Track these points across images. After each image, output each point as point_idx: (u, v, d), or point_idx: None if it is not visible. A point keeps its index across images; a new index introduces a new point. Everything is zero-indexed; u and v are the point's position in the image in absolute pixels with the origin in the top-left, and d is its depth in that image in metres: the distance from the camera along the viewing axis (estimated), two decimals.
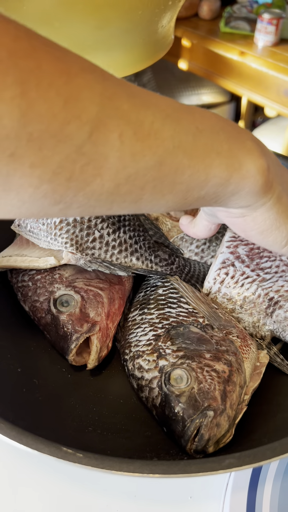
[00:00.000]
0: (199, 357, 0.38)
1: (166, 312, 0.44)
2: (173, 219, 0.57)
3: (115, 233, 0.48)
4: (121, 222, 0.49)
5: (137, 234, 0.49)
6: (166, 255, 0.49)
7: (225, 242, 0.49)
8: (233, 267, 0.47)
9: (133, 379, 0.40)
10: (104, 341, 0.42)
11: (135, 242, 0.48)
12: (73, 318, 0.42)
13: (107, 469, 0.28)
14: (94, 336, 0.41)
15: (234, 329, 0.42)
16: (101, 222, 0.48)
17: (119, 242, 0.47)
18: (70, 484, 0.38)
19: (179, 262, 0.49)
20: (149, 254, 0.48)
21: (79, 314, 0.42)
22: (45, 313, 0.43)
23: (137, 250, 0.48)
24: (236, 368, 0.38)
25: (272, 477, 0.38)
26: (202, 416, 0.34)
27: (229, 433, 0.35)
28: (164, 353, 0.39)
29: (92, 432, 0.38)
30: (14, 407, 0.37)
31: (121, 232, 0.48)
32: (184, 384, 0.36)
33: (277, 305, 0.45)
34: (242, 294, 0.46)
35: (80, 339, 0.40)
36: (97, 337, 0.41)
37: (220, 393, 0.35)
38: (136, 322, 0.44)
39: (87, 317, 0.42)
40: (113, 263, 0.47)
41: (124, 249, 0.47)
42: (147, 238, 0.49)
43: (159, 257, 0.48)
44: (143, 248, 0.48)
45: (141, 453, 0.35)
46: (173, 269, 0.48)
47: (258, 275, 0.46)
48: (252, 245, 0.48)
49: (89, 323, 0.42)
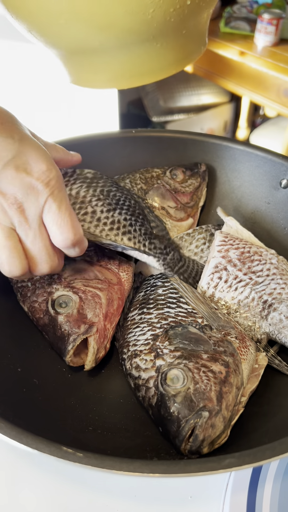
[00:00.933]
0: (196, 357, 0.38)
1: (165, 312, 0.44)
2: (173, 219, 0.57)
3: (109, 212, 0.47)
4: (119, 205, 0.49)
5: (135, 219, 0.48)
6: (162, 245, 0.49)
7: (216, 246, 0.49)
8: (226, 271, 0.47)
9: (130, 378, 0.40)
10: (101, 343, 0.42)
11: (130, 225, 0.48)
12: (71, 319, 0.42)
13: (107, 469, 0.28)
14: (91, 337, 0.41)
15: (233, 330, 0.42)
16: (96, 200, 0.48)
17: (112, 221, 0.47)
18: (70, 484, 0.38)
19: (174, 255, 0.49)
20: (143, 239, 0.48)
21: (76, 315, 0.42)
22: (43, 314, 0.43)
23: (131, 232, 0.47)
24: (234, 369, 0.38)
25: (272, 477, 0.38)
26: (197, 416, 0.34)
27: (224, 434, 0.35)
28: (162, 353, 0.39)
29: (92, 432, 0.38)
30: (14, 407, 0.37)
31: (115, 213, 0.48)
32: (180, 384, 0.36)
33: (272, 307, 0.45)
34: (236, 298, 0.46)
35: (77, 340, 0.40)
36: (94, 339, 0.41)
37: (216, 394, 0.35)
38: (135, 321, 0.44)
39: (85, 318, 0.42)
40: (100, 238, 0.46)
41: (116, 228, 0.47)
42: (145, 226, 0.49)
43: (154, 244, 0.48)
44: (137, 232, 0.48)
45: (141, 453, 0.35)
46: (166, 259, 0.48)
47: (251, 278, 0.46)
48: (243, 248, 0.49)
49: (86, 324, 0.41)
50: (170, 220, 0.57)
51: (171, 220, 0.57)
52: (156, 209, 0.57)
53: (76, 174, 0.50)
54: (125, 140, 0.60)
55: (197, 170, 0.59)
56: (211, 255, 0.49)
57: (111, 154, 0.60)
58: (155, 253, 0.47)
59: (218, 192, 0.61)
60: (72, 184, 0.49)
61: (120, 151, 0.60)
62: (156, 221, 0.51)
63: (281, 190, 0.55)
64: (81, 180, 0.49)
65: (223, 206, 0.58)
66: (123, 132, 0.61)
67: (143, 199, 0.54)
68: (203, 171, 0.59)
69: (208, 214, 0.61)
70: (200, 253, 0.53)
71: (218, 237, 0.50)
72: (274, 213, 0.56)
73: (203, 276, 0.48)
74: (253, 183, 0.58)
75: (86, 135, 0.59)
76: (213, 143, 0.59)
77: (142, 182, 0.58)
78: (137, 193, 0.57)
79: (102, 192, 0.49)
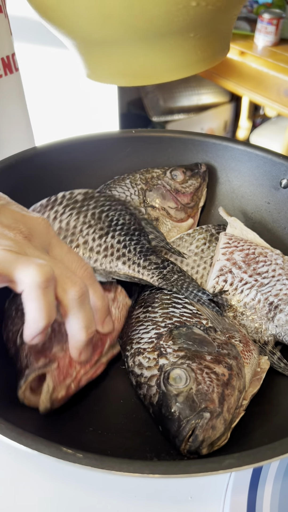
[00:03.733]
0: (200, 358, 0.38)
1: (170, 312, 0.44)
2: (173, 219, 0.57)
3: (101, 238, 0.47)
4: (111, 226, 0.48)
5: (129, 239, 0.48)
6: (159, 260, 0.47)
7: (220, 248, 0.49)
8: (231, 274, 0.47)
9: (132, 376, 0.40)
10: (61, 381, 0.37)
11: (124, 247, 0.47)
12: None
13: (107, 469, 0.28)
14: (48, 373, 0.37)
15: (237, 334, 0.42)
16: (87, 228, 0.47)
17: (105, 247, 0.46)
18: (70, 484, 0.38)
19: (172, 268, 0.47)
20: (138, 258, 0.46)
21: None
22: (12, 344, 0.41)
23: (125, 254, 0.47)
24: (236, 372, 0.38)
25: (272, 478, 0.38)
26: (198, 417, 0.34)
27: (224, 436, 0.35)
28: (165, 352, 0.39)
29: (92, 432, 0.38)
30: (14, 407, 0.37)
31: (108, 237, 0.47)
32: (182, 384, 0.36)
33: (278, 309, 0.44)
34: (242, 301, 0.46)
35: (30, 375, 0.36)
36: (51, 375, 0.37)
37: (218, 395, 0.35)
38: (140, 319, 0.44)
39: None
40: (96, 268, 0.46)
41: (109, 254, 0.46)
42: (141, 243, 0.48)
43: (150, 261, 0.47)
44: (132, 252, 0.47)
45: (141, 453, 0.35)
46: (163, 272, 0.46)
47: (256, 280, 0.46)
48: (248, 250, 0.48)
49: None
50: (170, 221, 0.57)
51: (171, 221, 0.57)
52: (156, 210, 0.57)
53: (65, 200, 0.49)
54: (125, 140, 0.60)
55: (198, 170, 0.59)
56: (215, 258, 0.49)
57: (111, 154, 0.60)
58: (150, 269, 0.46)
59: (218, 192, 0.61)
60: (62, 215, 0.48)
61: (120, 151, 0.60)
62: (155, 232, 0.51)
63: (281, 190, 0.55)
64: (70, 207, 0.49)
65: (223, 206, 0.58)
66: (123, 132, 0.61)
67: (140, 210, 0.53)
68: (204, 171, 0.59)
69: (208, 214, 0.61)
70: (200, 253, 0.52)
71: (222, 239, 0.50)
72: (275, 213, 0.56)
73: (208, 279, 0.48)
74: (253, 183, 0.58)
75: (86, 135, 0.59)
76: (213, 143, 0.59)
77: (142, 182, 0.58)
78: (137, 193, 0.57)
79: (94, 216, 0.48)
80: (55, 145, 0.57)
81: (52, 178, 0.57)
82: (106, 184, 0.59)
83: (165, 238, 0.51)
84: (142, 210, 0.55)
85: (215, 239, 0.53)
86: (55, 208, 0.48)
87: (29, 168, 0.55)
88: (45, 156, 0.56)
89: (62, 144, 0.57)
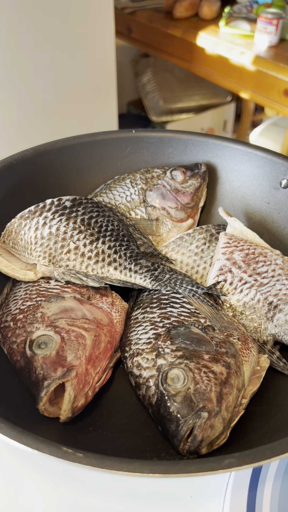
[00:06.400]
0: (198, 357, 0.38)
1: (168, 312, 0.44)
2: (173, 219, 0.57)
3: (92, 244, 0.47)
4: (101, 232, 0.48)
5: (119, 244, 0.48)
6: (149, 263, 0.47)
7: (220, 248, 0.49)
8: (231, 273, 0.47)
9: (131, 377, 0.40)
10: (80, 389, 0.37)
11: (115, 252, 0.47)
12: (47, 361, 0.37)
13: (107, 469, 0.28)
14: (68, 382, 0.36)
15: (235, 331, 0.42)
16: (77, 234, 0.47)
17: (96, 253, 0.47)
18: (70, 484, 0.38)
19: (163, 268, 0.47)
20: (128, 263, 0.47)
21: (55, 357, 0.37)
22: (20, 356, 0.39)
23: (116, 260, 0.47)
24: (235, 370, 0.38)
25: (272, 477, 0.38)
26: (196, 416, 0.34)
27: (223, 435, 0.35)
28: (163, 352, 0.39)
29: (92, 432, 0.38)
30: (14, 407, 0.37)
31: (99, 243, 0.47)
32: (180, 384, 0.36)
33: (277, 308, 0.45)
34: (241, 300, 0.46)
35: (51, 386, 0.36)
36: (71, 384, 0.36)
37: (216, 394, 0.35)
38: (138, 320, 0.44)
39: (64, 361, 0.37)
40: (87, 274, 0.46)
41: (101, 260, 0.47)
42: (131, 248, 0.48)
43: (141, 265, 0.47)
44: (123, 258, 0.47)
45: (141, 453, 0.35)
46: (155, 274, 0.46)
47: (256, 280, 0.46)
48: (247, 250, 0.48)
49: (64, 368, 0.37)
50: (171, 221, 0.57)
51: (171, 221, 0.57)
52: (156, 210, 0.57)
53: (54, 206, 0.49)
54: (125, 140, 0.60)
55: (198, 170, 0.59)
56: (215, 257, 0.49)
57: (111, 154, 0.60)
58: (141, 273, 0.46)
59: (218, 192, 0.61)
60: (51, 220, 0.48)
61: (120, 151, 0.60)
62: (142, 238, 0.51)
63: (281, 190, 0.55)
64: (59, 213, 0.49)
65: (223, 206, 0.58)
66: (123, 132, 0.61)
67: (127, 217, 0.54)
68: (204, 171, 0.59)
69: (208, 214, 0.62)
70: (200, 253, 0.53)
71: (222, 239, 0.50)
72: (275, 213, 0.56)
73: (208, 278, 0.48)
74: (253, 183, 0.58)
75: (86, 135, 0.59)
76: (213, 143, 0.59)
77: (143, 182, 0.58)
78: (137, 192, 0.57)
79: (83, 221, 0.48)
80: (55, 145, 0.57)
81: (52, 178, 0.57)
82: (106, 184, 0.59)
83: (153, 244, 0.52)
84: (128, 215, 0.56)
85: (215, 239, 0.53)
86: (44, 214, 0.49)
87: (29, 168, 0.55)
88: (45, 156, 0.56)
89: (62, 144, 0.57)
